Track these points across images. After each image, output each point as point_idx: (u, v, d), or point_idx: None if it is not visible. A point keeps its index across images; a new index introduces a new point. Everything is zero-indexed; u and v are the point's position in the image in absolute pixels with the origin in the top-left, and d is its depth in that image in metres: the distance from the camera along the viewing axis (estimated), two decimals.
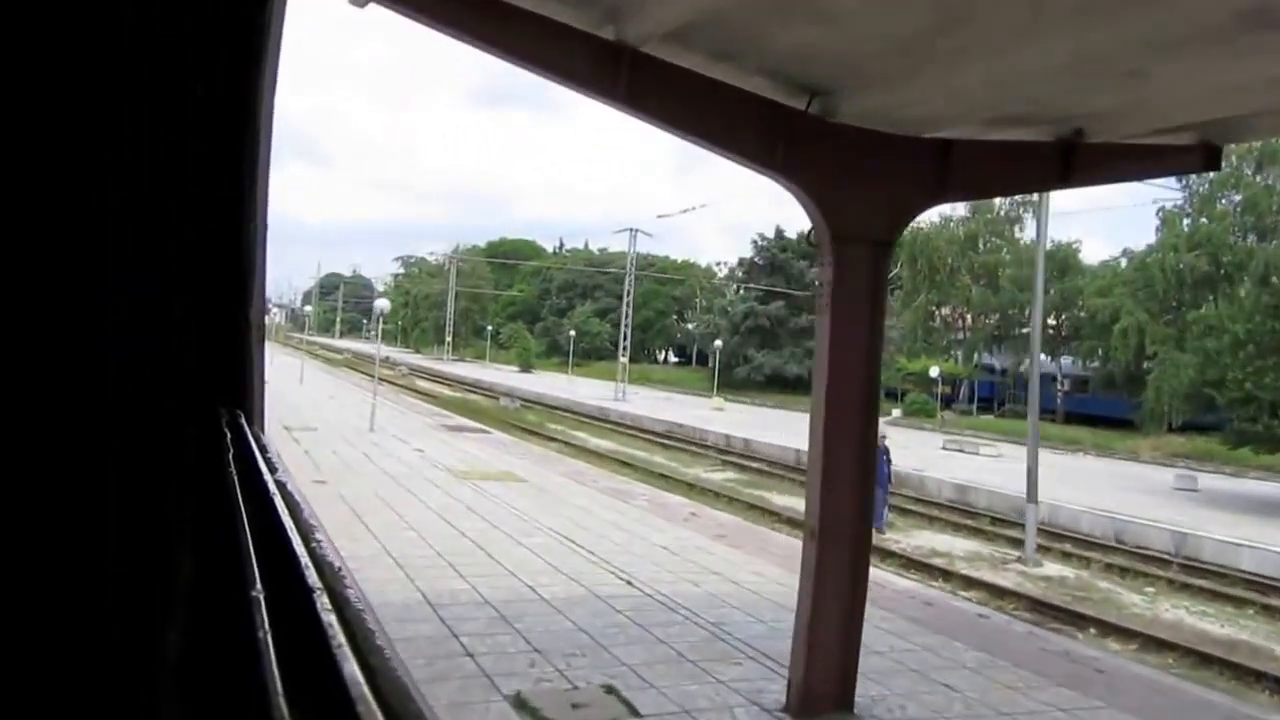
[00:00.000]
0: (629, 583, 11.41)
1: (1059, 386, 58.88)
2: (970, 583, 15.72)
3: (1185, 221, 48.83)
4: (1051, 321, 59.32)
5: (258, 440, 1.65)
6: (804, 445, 28.41)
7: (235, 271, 1.56)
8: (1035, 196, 64.91)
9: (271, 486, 1.33)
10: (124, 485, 1.10)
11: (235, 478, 1.44)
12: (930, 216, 65.19)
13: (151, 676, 1.10)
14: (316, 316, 79.81)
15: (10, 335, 0.91)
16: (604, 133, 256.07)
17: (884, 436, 19.32)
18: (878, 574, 16.15)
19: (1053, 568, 18.08)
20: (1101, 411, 55.41)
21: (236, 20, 1.39)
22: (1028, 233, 62.51)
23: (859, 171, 7.29)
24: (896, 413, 57.14)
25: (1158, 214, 51.98)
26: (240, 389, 1.72)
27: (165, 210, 1.23)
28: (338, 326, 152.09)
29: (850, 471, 7.37)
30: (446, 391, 54.27)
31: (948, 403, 62.04)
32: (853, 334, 7.34)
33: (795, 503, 23.91)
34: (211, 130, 1.36)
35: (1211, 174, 51.88)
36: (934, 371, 57.39)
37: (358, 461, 20.20)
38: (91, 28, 0.99)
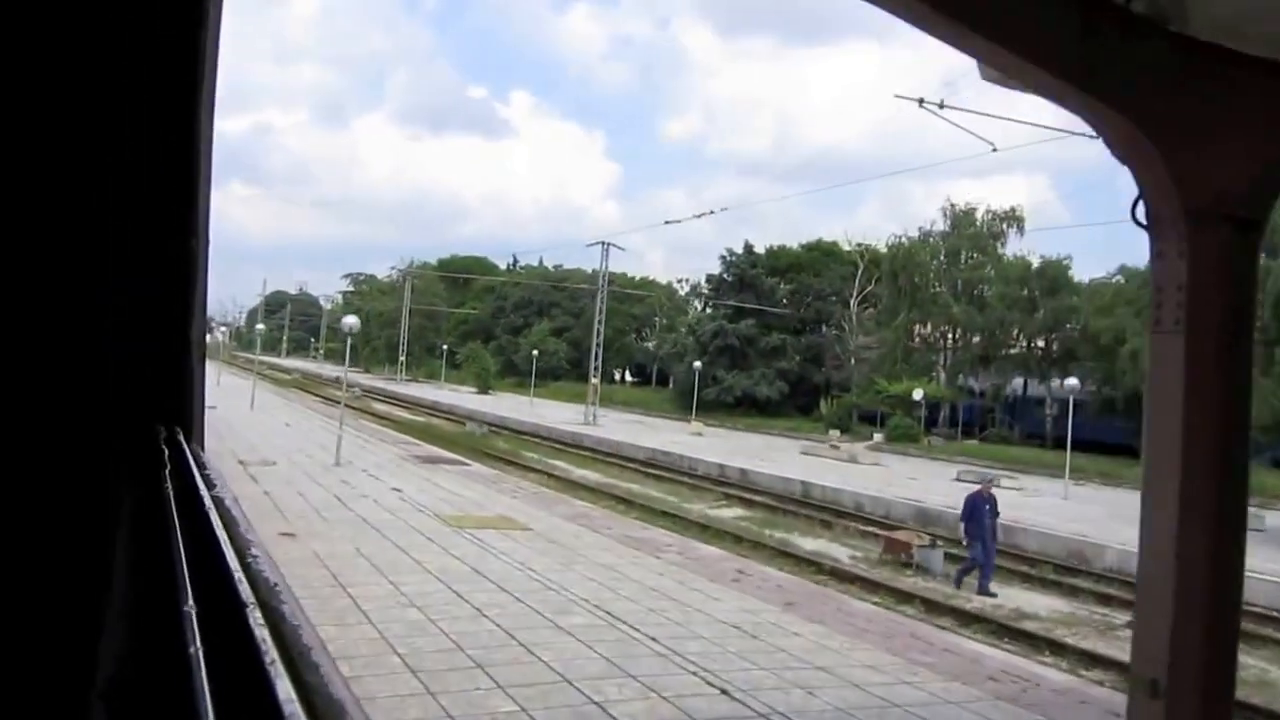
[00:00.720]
0: (725, 692, 8.58)
1: (1048, 410, 57.04)
2: (1093, 659, 13.05)
3: None
4: (1040, 342, 57.68)
5: (196, 457, 1.59)
6: (803, 476, 25.43)
7: (175, 289, 1.54)
8: (1019, 210, 63.64)
9: (207, 501, 1.28)
10: (55, 500, 1.18)
11: (171, 494, 1.42)
12: (910, 230, 63.47)
13: (84, 693, 1.13)
14: (263, 335, 75.54)
15: None
16: (549, 155, 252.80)
17: (991, 482, 16.75)
18: (969, 645, 13.54)
19: None
20: (1095, 436, 53.62)
21: (173, 38, 1.39)
22: (1011, 248, 60.96)
23: (1222, 112, 4.58)
24: (879, 437, 54.89)
25: None
26: (180, 407, 1.68)
27: (102, 226, 1.31)
28: (284, 345, 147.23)
29: (1214, 585, 4.61)
30: (405, 415, 50.98)
31: (929, 426, 59.97)
32: (1216, 359, 4.59)
33: (823, 547, 21.29)
34: (152, 148, 1.40)
35: None
36: (917, 394, 55.25)
37: (329, 506, 17.13)
38: (29, 47, 1.08)
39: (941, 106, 17.05)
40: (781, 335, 69.27)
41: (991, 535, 16.94)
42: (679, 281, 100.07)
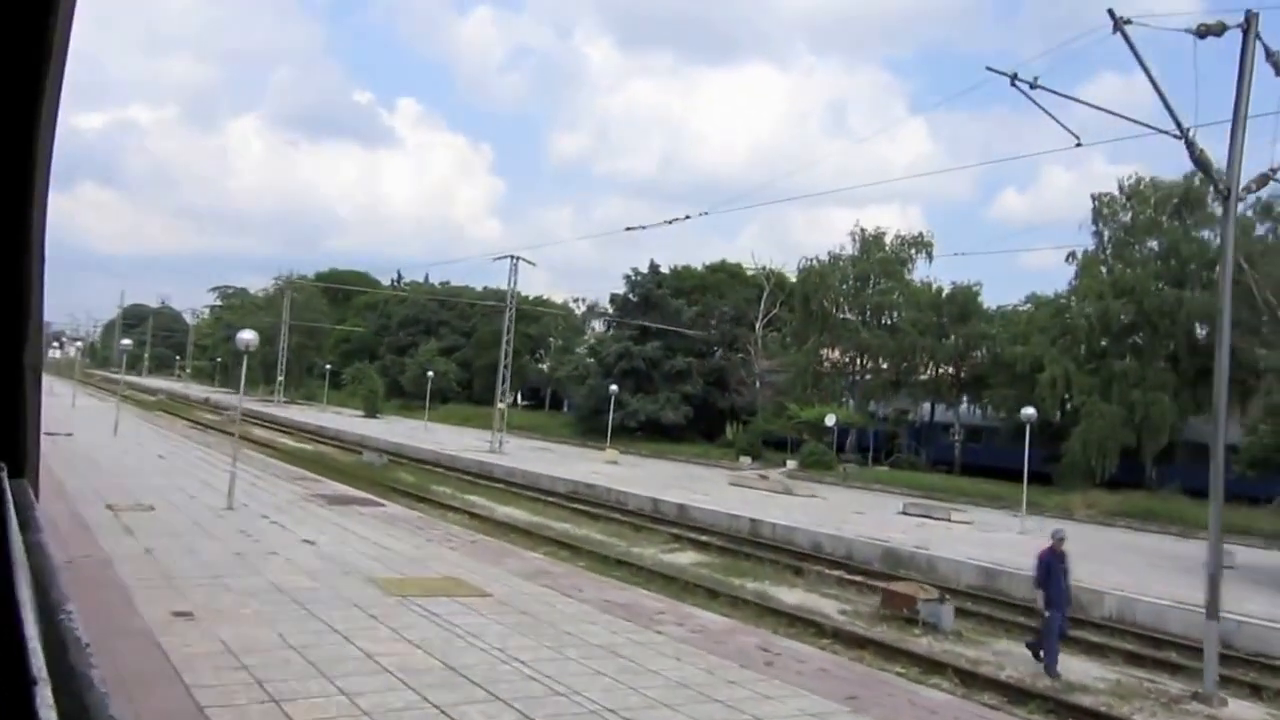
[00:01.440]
0: None
1: (955, 436, 56.13)
2: None
3: (1103, 268, 46.80)
4: (949, 368, 56.75)
5: (20, 499, 1.42)
6: (745, 511, 22.89)
7: (5, 307, 1.44)
8: (928, 236, 62.93)
9: (17, 550, 1.16)
10: None
11: None
12: (820, 253, 62.08)
13: None
14: (130, 351, 69.06)
15: None
16: (433, 167, 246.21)
17: (1062, 538, 14.31)
18: None
19: (1245, 710, 13.34)
20: (1000, 463, 52.80)
21: (12, 18, 1.25)
22: (918, 273, 60.08)
23: None
24: (792, 464, 53.03)
25: (1068, 260, 49.99)
26: (10, 439, 1.53)
27: None
28: (146, 363, 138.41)
29: None
30: (290, 442, 46.69)
31: (838, 453, 58.48)
32: None
33: (807, 600, 18.65)
34: None
35: (1127, 218, 50.50)
36: (830, 420, 53.67)
37: (231, 568, 13.71)
38: None
39: (1033, 86, 14.59)
40: (687, 358, 67.06)
41: (1067, 600, 14.48)
42: (575, 301, 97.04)
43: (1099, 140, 26.65)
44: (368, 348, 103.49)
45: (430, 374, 68.57)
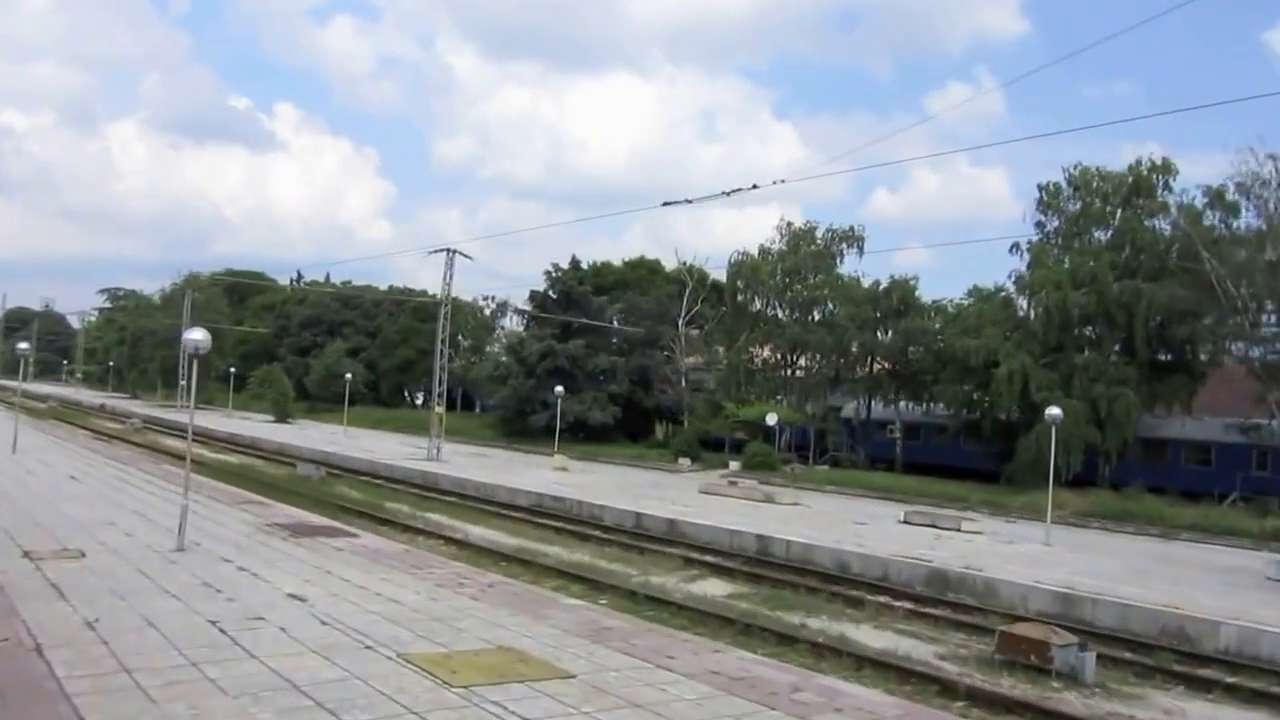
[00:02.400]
0: None
1: (896, 433, 54.01)
2: None
3: (1056, 257, 45.04)
4: (887, 364, 54.56)
5: None
6: (745, 525, 19.06)
7: None
8: (859, 230, 60.74)
9: None
10: None
11: None
12: (750, 246, 59.32)
13: None
14: (31, 355, 60.96)
15: None
16: (318, 170, 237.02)
17: None
18: None
19: None
20: (942, 460, 50.90)
21: None
22: (848, 265, 57.84)
23: None
24: (735, 465, 50.08)
25: (1012, 250, 48.19)
26: None
27: None
28: (29, 368, 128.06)
29: None
30: (206, 452, 41.53)
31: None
32: None
33: (896, 644, 15.40)
34: None
35: (1074, 208, 48.93)
36: (771, 418, 50.82)
37: (210, 647, 9.70)
38: None
39: None
40: (611, 357, 63.58)
41: None
42: (485, 299, 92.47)
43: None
44: (266, 350, 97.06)
45: (349, 376, 63.25)
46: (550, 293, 65.38)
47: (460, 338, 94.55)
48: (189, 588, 12.38)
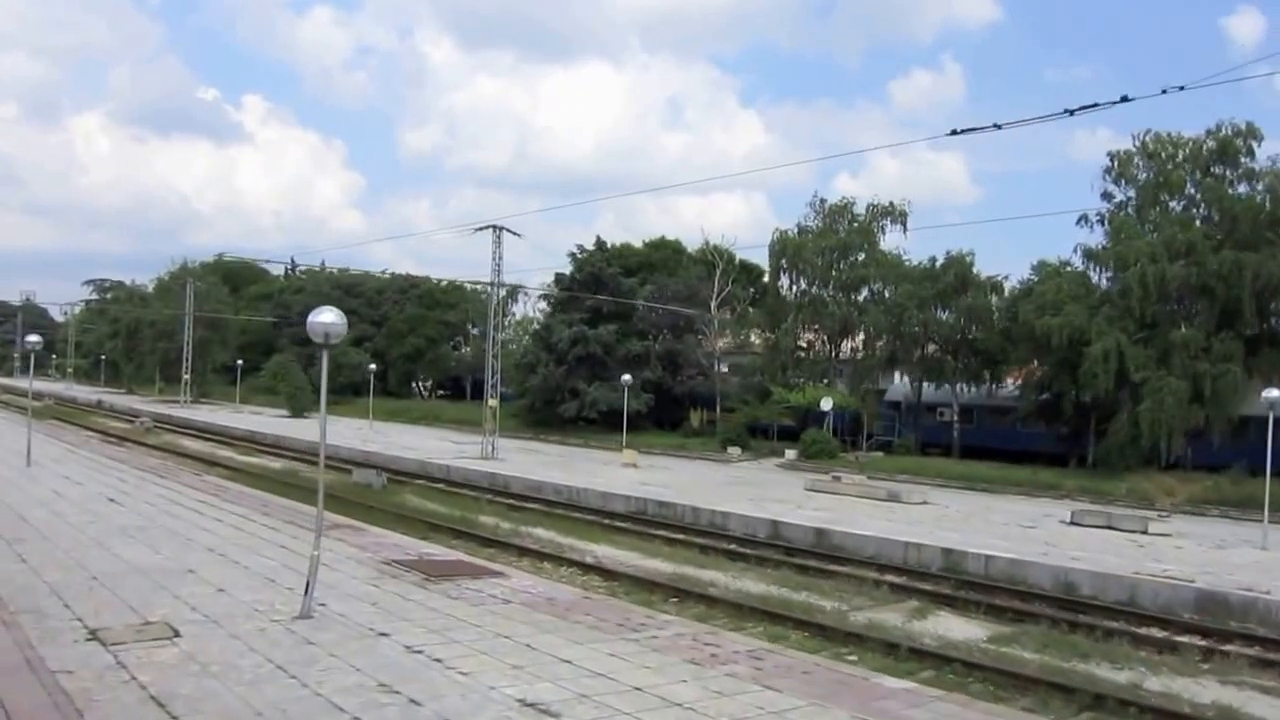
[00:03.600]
0: None
1: (954, 417, 49.91)
2: None
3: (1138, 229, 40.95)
4: (937, 345, 50.34)
5: None
6: (913, 537, 14.85)
7: None
8: (903, 205, 56.53)
9: None
10: None
11: None
12: (788, 221, 54.94)
13: None
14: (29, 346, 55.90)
15: None
16: (287, 162, 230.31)
17: None
18: None
19: None
20: (1002, 444, 46.91)
21: None
22: (890, 241, 53.52)
23: None
24: (791, 453, 45.83)
25: (1080, 223, 44.06)
26: None
27: None
28: (17, 363, 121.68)
29: None
30: (233, 454, 36.78)
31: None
32: None
33: (1237, 698, 11.29)
34: None
35: (1147, 177, 44.89)
36: (826, 404, 46.65)
37: None
38: None
39: None
40: (643, 342, 59.13)
41: None
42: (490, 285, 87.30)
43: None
44: (265, 340, 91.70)
45: (372, 367, 58.45)
46: (577, 275, 60.47)
47: (470, 325, 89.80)
48: (361, 693, 7.90)
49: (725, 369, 61.62)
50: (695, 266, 65.19)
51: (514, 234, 39.65)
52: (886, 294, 51.85)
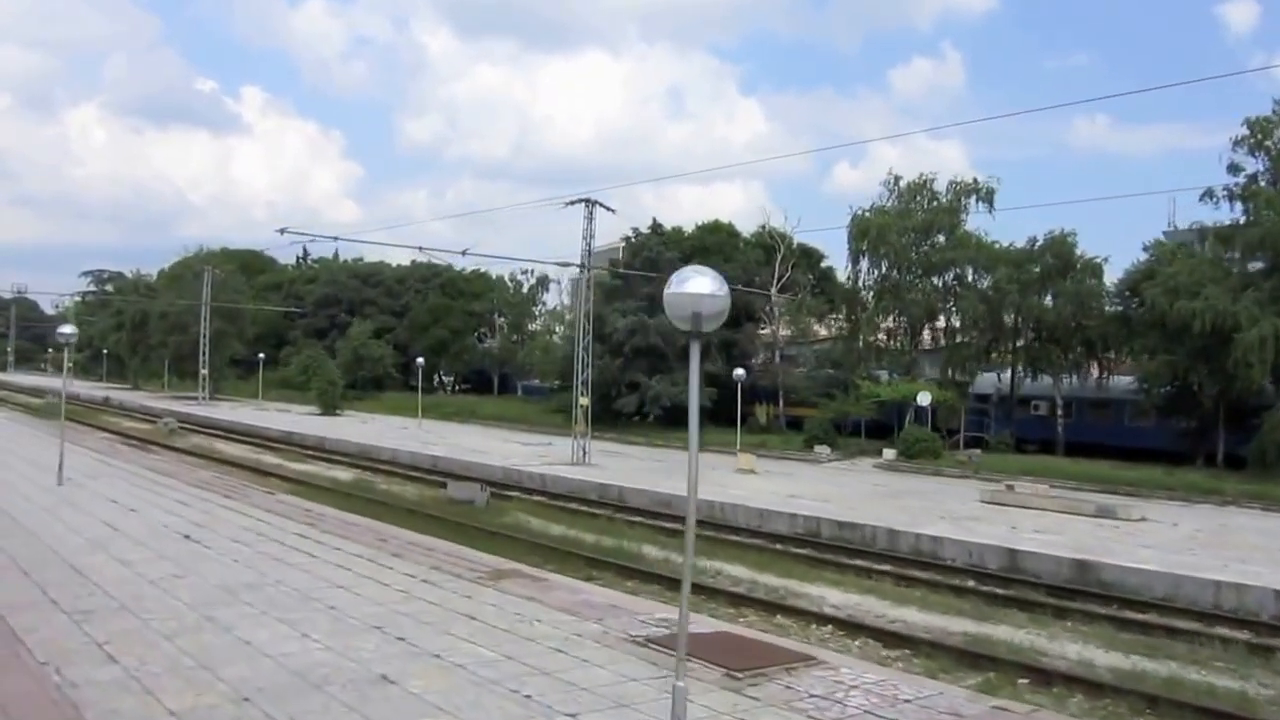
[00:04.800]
0: None
1: (1059, 412, 45.49)
2: None
3: None
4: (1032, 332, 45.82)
5: None
6: (1195, 569, 9.70)
7: None
8: (989, 183, 51.97)
9: None
10: None
11: None
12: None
13: None
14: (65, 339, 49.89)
15: None
16: (284, 153, 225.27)
17: None
18: None
19: None
20: (1105, 440, 42.56)
21: None
22: (973, 222, 49.00)
23: None
24: (890, 453, 41.30)
25: (1205, 198, 39.51)
26: None
27: None
28: (11, 357, 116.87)
29: None
30: (274, 459, 32.13)
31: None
32: None
33: None
34: None
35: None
36: (923, 398, 42.10)
37: None
38: None
39: None
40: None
41: None
42: (524, 274, 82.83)
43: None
44: (273, 332, 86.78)
45: (420, 361, 53.81)
46: (634, 261, 55.60)
47: (497, 316, 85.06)
48: None
49: (780, 359, 57.04)
50: (752, 250, 60.67)
51: (608, 209, 34.72)
52: (972, 277, 47.66)
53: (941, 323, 49.89)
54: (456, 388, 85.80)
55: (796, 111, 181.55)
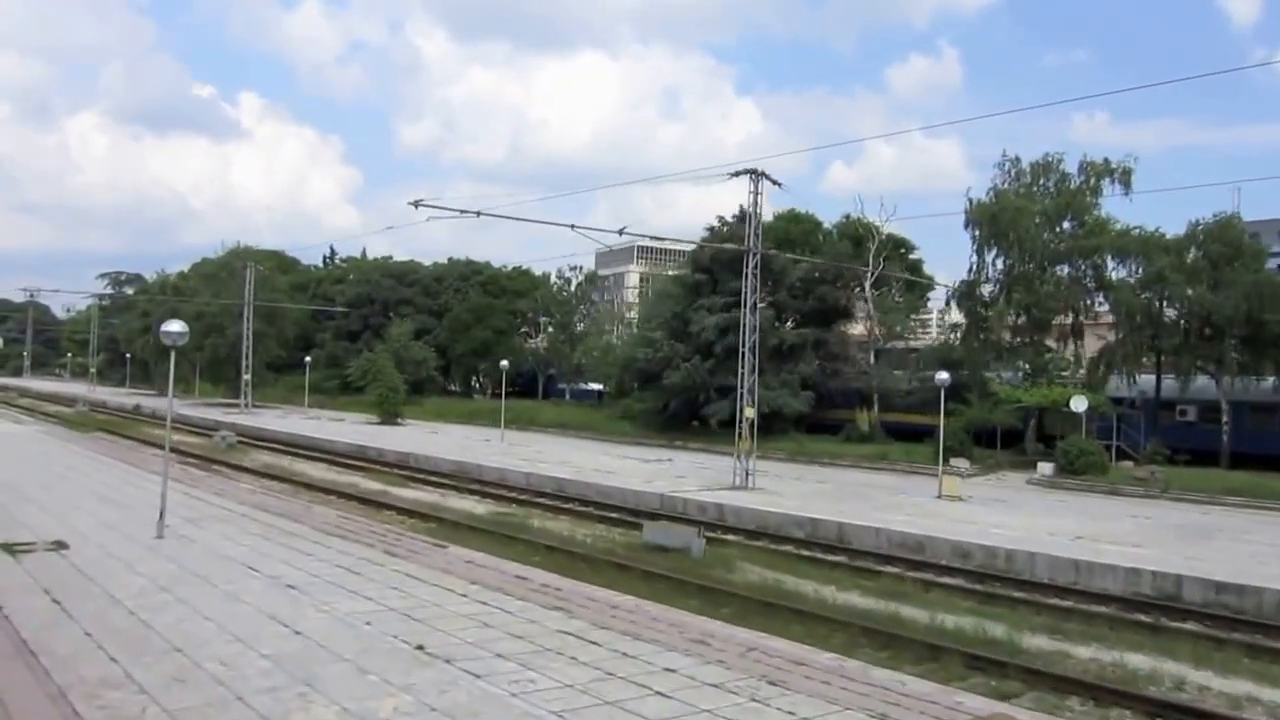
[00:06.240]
0: None
1: (1183, 416, 40.35)
2: None
3: None
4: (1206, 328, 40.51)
5: None
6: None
7: None
8: (1106, 159, 46.58)
9: None
10: None
11: None
12: (982, 180, 45.00)
13: None
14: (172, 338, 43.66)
15: None
16: (283, 158, 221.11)
17: None
18: None
19: None
20: (1268, 449, 37.45)
21: None
22: (1109, 208, 43.76)
23: None
24: (1046, 467, 36.03)
25: None
26: None
27: None
28: (27, 362, 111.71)
29: None
30: (378, 484, 26.85)
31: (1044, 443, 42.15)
32: None
33: None
34: None
35: None
36: (1078, 404, 36.69)
37: None
38: None
39: None
40: (799, 330, 49.59)
41: None
42: (572, 269, 77.47)
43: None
44: (304, 334, 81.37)
45: (504, 364, 48.52)
46: (720, 255, 50.22)
47: (541, 316, 79.67)
48: None
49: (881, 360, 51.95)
50: (839, 242, 55.56)
51: (774, 182, 29.41)
52: (1111, 267, 42.67)
53: (1067, 319, 44.68)
54: (490, 392, 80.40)
55: (792, 111, 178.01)
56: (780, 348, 47.98)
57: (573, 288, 78.10)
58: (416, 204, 20.59)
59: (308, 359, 61.67)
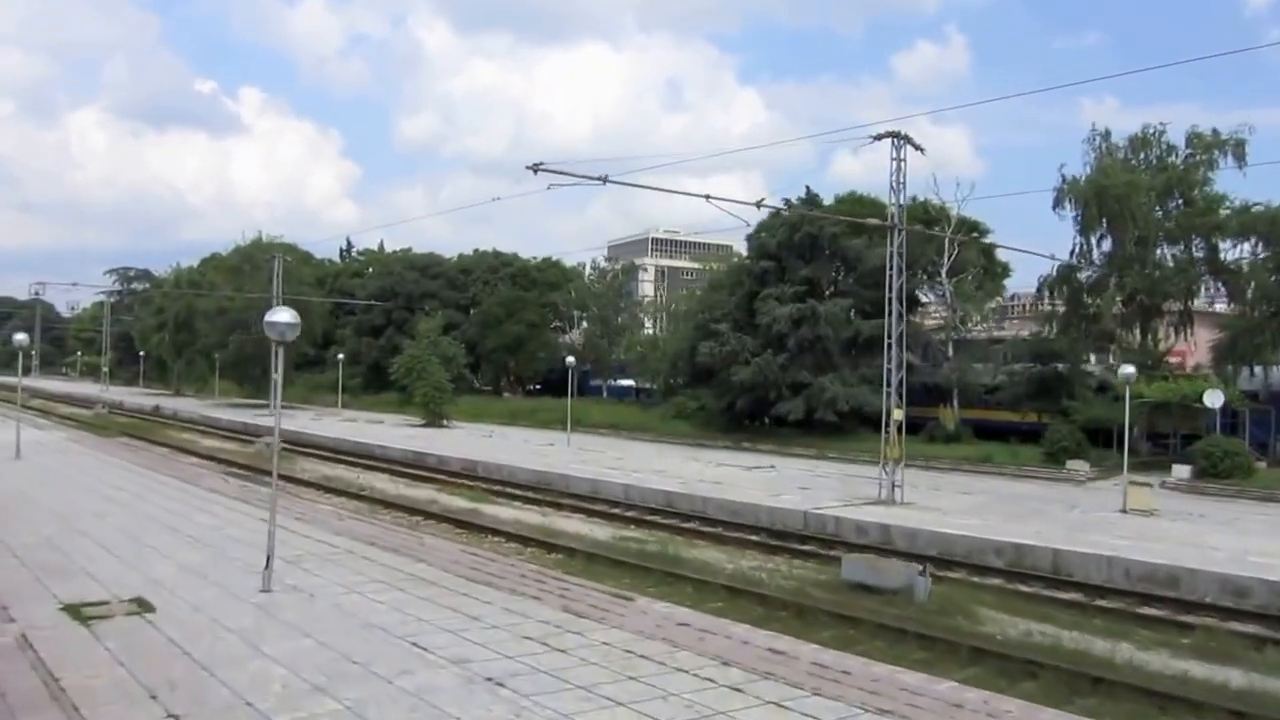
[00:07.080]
0: None
1: None
2: None
3: None
4: None
5: None
6: None
7: None
8: (1214, 129, 43.12)
9: None
10: None
11: None
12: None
13: None
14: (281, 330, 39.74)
15: None
16: (282, 153, 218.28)
17: None
18: None
19: None
20: None
21: None
22: (1223, 183, 40.46)
23: None
24: (1182, 470, 32.69)
25: None
26: None
27: None
28: (36, 361, 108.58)
29: None
30: (462, 501, 23.58)
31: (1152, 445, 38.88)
32: None
33: None
34: None
35: None
36: (1212, 399, 33.31)
37: None
38: None
39: None
40: (873, 322, 46.17)
41: None
42: (608, 261, 74.09)
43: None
44: (324, 331, 77.91)
45: (570, 360, 45.10)
46: (790, 236, 46.65)
47: (574, 309, 76.27)
48: None
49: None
50: (909, 225, 52.06)
51: (917, 148, 26.00)
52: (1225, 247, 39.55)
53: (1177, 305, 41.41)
54: (526, 390, 77.11)
55: (796, 100, 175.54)
56: (855, 340, 44.69)
57: (609, 279, 74.84)
58: (535, 168, 17.29)
59: (340, 356, 58.34)
